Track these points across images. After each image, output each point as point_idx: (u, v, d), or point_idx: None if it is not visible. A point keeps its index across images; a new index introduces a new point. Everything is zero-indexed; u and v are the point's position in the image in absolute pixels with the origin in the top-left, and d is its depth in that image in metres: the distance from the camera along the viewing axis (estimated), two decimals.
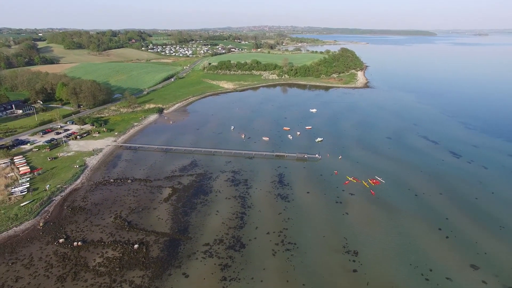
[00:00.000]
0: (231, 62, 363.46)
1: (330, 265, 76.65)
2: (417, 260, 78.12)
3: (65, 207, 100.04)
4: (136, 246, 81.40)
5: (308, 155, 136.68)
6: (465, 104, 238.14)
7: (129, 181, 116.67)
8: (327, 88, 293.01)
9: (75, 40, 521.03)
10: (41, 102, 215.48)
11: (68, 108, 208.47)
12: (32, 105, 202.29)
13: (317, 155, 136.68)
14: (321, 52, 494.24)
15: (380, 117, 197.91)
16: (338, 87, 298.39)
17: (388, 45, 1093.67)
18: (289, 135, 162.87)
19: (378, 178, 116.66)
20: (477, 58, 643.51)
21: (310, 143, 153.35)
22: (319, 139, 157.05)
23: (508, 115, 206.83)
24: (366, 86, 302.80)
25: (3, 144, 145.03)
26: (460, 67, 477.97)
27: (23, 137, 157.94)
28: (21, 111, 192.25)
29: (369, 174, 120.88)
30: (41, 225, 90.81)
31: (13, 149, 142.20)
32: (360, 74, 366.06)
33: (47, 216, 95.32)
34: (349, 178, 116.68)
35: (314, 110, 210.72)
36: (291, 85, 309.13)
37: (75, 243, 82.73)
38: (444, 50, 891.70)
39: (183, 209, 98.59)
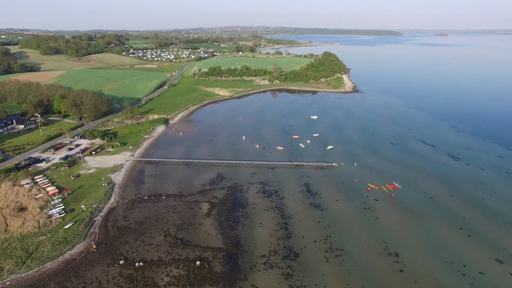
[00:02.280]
0: (222, 68, 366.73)
1: (378, 267, 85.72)
2: (450, 257, 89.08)
3: (110, 228, 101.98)
4: (198, 262, 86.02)
5: (326, 164, 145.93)
6: (448, 107, 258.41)
7: (163, 197, 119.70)
8: (319, 94, 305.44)
9: (51, 45, 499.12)
10: (39, 115, 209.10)
11: (69, 121, 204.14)
12: (33, 119, 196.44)
13: (334, 163, 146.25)
14: (306, 56, 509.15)
15: (378, 122, 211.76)
16: (329, 92, 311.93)
17: (361, 46, 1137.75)
18: (301, 144, 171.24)
19: (395, 184, 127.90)
20: (446, 60, 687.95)
21: (323, 151, 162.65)
22: (330, 146, 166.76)
23: (489, 117, 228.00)
24: (354, 90, 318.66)
25: (18, 164, 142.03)
26: (433, 69, 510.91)
27: (34, 155, 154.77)
28: (22, 126, 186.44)
29: (385, 180, 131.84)
30: (94, 247, 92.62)
31: (29, 168, 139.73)
32: (345, 77, 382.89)
33: (96, 238, 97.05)
34: (370, 185, 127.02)
35: (315, 117, 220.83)
36: (284, 91, 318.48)
37: (136, 264, 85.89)
38: (415, 51, 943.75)
39: (228, 223, 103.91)
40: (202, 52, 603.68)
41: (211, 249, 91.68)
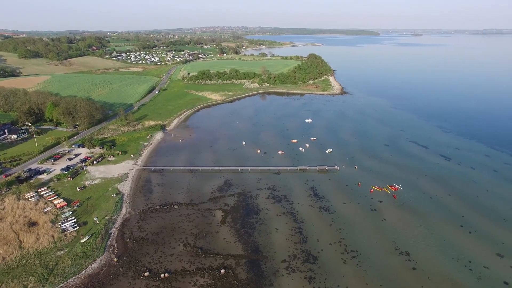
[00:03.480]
0: (211, 71, 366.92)
1: (392, 266, 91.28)
2: (456, 254, 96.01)
3: (128, 240, 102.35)
4: (222, 270, 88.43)
5: (328, 167, 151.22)
6: (432, 107, 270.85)
7: (175, 206, 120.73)
8: (309, 96, 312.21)
9: (30, 48, 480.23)
10: (30, 124, 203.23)
11: (63, 129, 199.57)
12: (24, 129, 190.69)
13: (336, 166, 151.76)
14: (291, 58, 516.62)
15: (370, 125, 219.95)
16: (319, 94, 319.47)
17: (342, 46, 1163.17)
18: (301, 148, 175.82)
19: (396, 185, 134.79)
20: (425, 60, 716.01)
21: (322, 155, 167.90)
22: (329, 150, 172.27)
23: (471, 117, 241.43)
24: (342, 92, 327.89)
25: (19, 176, 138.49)
26: (413, 69, 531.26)
27: (32, 166, 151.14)
28: (15, 136, 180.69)
29: (386, 181, 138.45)
30: (115, 260, 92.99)
31: (31, 180, 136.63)
32: (332, 79, 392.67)
33: (116, 251, 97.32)
34: (374, 187, 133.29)
35: (309, 120, 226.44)
36: (274, 94, 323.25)
37: (162, 275, 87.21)
38: (394, 51, 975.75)
39: (244, 230, 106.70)
40: (186, 55, 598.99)
41: (233, 257, 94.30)
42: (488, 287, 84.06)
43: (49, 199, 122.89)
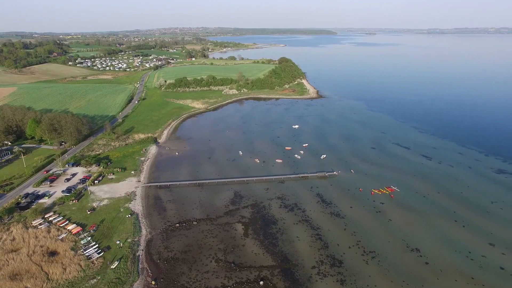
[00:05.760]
0: (188, 78, 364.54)
1: (408, 262, 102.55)
2: (457, 247, 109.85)
3: (158, 261, 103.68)
4: (261, 282, 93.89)
5: (328, 173, 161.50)
6: (404, 108, 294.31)
7: (194, 223, 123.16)
8: (288, 101, 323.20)
9: None
10: (10, 143, 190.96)
11: (49, 147, 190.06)
12: (5, 148, 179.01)
13: (334, 172, 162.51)
14: (263, 62, 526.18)
15: (353, 128, 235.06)
16: (297, 98, 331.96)
17: (304, 46, 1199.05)
18: (296, 155, 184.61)
19: (393, 187, 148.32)
20: (386, 60, 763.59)
21: (318, 161, 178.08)
22: (323, 156, 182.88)
23: (440, 116, 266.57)
24: (319, 96, 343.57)
25: (19, 202, 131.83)
26: (378, 69, 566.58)
27: (29, 190, 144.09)
28: None
29: (382, 183, 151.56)
30: (153, 283, 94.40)
31: (32, 205, 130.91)
32: (306, 83, 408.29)
33: (150, 273, 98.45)
34: (374, 190, 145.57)
35: (296, 126, 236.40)
36: (255, 99, 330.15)
37: None
38: (355, 52, 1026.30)
39: (268, 241, 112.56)
40: (155, 60, 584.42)
41: (266, 268, 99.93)
42: (489, 273, 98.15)
43: (61, 225, 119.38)
